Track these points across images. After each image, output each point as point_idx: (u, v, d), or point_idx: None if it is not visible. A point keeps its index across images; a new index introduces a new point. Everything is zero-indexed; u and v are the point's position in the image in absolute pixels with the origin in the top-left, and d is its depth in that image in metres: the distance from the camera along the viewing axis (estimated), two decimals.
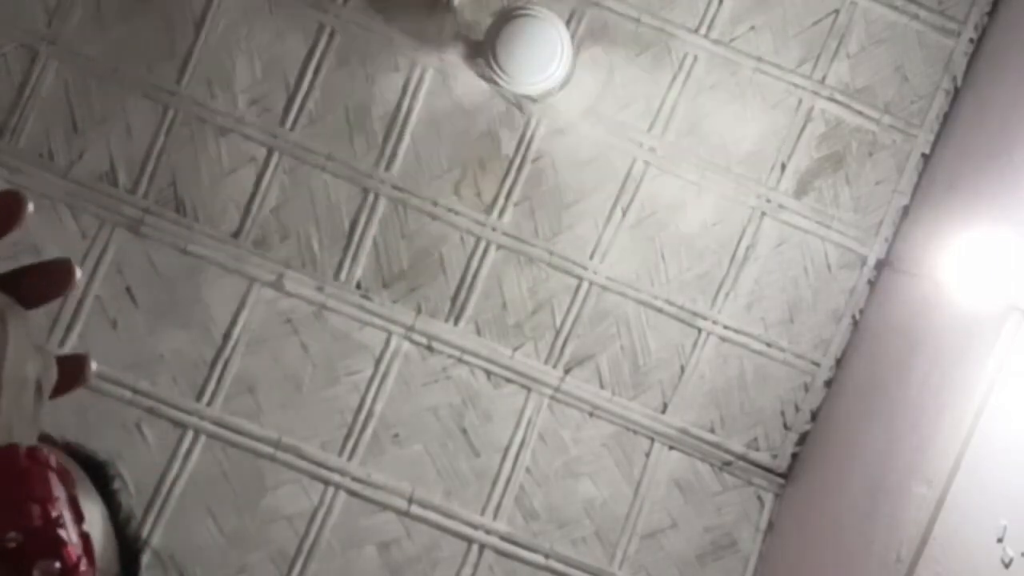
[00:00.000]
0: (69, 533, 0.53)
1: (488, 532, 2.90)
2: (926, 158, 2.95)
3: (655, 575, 2.92)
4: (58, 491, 0.53)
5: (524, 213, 2.95)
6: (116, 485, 0.82)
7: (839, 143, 2.96)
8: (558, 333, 2.94)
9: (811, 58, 2.95)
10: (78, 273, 0.63)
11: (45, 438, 0.77)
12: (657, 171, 2.94)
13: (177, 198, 2.90)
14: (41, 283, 0.61)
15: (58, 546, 0.52)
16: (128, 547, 0.81)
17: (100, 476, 0.80)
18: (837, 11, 2.95)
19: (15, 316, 0.58)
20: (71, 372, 0.64)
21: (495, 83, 2.84)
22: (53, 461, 0.54)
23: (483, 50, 2.80)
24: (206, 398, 2.86)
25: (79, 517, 0.54)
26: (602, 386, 2.94)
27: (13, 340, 0.57)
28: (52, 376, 0.62)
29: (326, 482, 2.87)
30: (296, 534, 2.86)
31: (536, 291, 2.95)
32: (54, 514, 0.52)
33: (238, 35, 2.91)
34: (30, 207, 0.59)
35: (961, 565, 1.99)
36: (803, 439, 2.96)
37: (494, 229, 2.94)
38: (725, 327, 2.95)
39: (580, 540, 2.91)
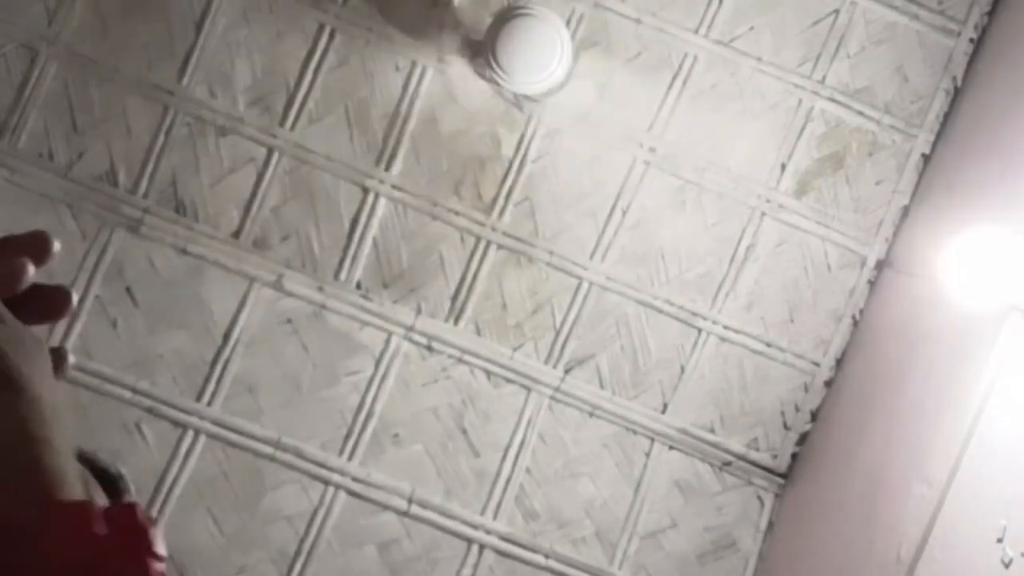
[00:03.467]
0: None
1: (488, 532, 2.90)
2: (926, 158, 2.95)
3: (655, 575, 2.92)
4: (164, 550, 0.56)
5: (524, 213, 2.95)
6: (128, 500, 0.84)
7: (839, 143, 2.96)
8: (558, 333, 2.94)
9: (811, 58, 2.95)
10: (74, 301, 0.66)
11: None
12: (657, 171, 2.94)
13: (177, 198, 2.90)
14: (38, 308, 0.63)
15: None
16: None
17: (112, 489, 0.82)
18: (837, 11, 2.94)
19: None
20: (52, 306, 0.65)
21: (495, 83, 2.84)
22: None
23: (483, 50, 2.80)
24: (206, 398, 2.86)
25: None
26: (602, 386, 2.94)
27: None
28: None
29: (326, 482, 2.87)
30: (296, 534, 2.86)
31: (536, 291, 2.95)
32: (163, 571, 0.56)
33: (238, 35, 2.91)
34: (56, 246, 0.63)
35: (961, 565, 1.99)
36: (803, 439, 2.96)
37: (494, 229, 2.94)
38: (725, 327, 2.95)
39: (580, 540, 2.91)
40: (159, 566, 0.54)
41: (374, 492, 2.88)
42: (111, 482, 0.85)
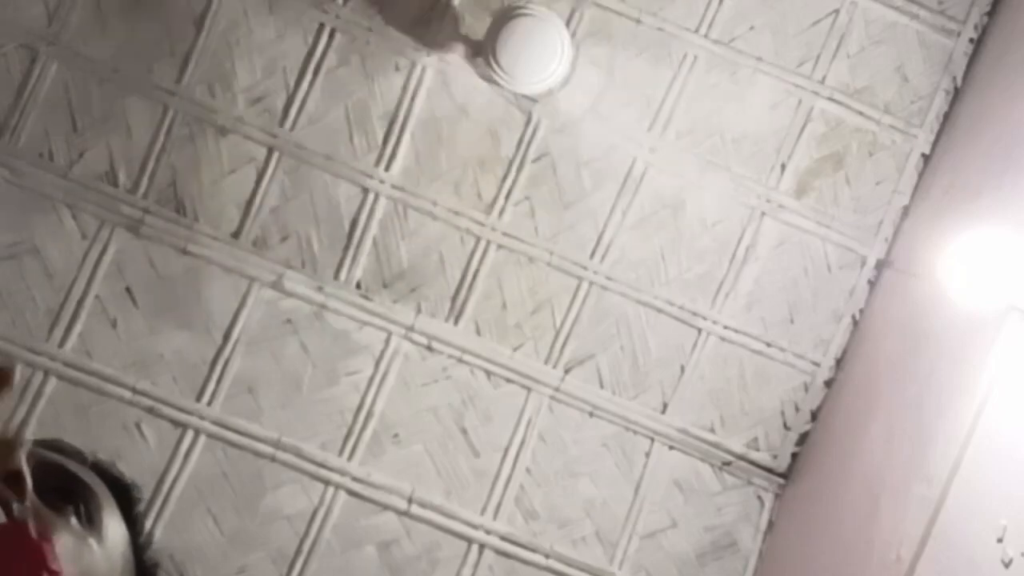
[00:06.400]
0: None
1: (488, 532, 2.90)
2: (926, 158, 2.95)
3: (655, 575, 2.92)
4: (58, 565, 0.58)
5: (524, 213, 2.95)
6: (139, 509, 0.86)
7: (839, 143, 2.96)
8: (558, 333, 2.94)
9: (811, 58, 2.95)
10: (17, 376, 0.71)
11: (76, 454, 0.80)
12: (657, 171, 2.94)
13: (177, 198, 2.90)
14: None
15: None
16: (145, 571, 0.84)
17: (125, 498, 0.84)
18: (837, 11, 2.95)
19: None
20: None
21: (495, 83, 2.84)
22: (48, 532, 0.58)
23: (483, 50, 2.80)
24: (206, 398, 2.86)
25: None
26: (602, 386, 2.94)
27: None
28: None
29: (326, 482, 2.87)
30: (296, 534, 2.86)
31: (536, 291, 2.95)
32: None
33: (238, 35, 2.91)
34: (17, 374, 0.68)
35: (961, 565, 1.99)
36: (803, 439, 2.96)
37: (494, 229, 2.94)
38: (725, 327, 2.95)
39: (580, 540, 2.91)
40: None
41: (374, 492, 2.88)
42: (125, 491, 0.87)
